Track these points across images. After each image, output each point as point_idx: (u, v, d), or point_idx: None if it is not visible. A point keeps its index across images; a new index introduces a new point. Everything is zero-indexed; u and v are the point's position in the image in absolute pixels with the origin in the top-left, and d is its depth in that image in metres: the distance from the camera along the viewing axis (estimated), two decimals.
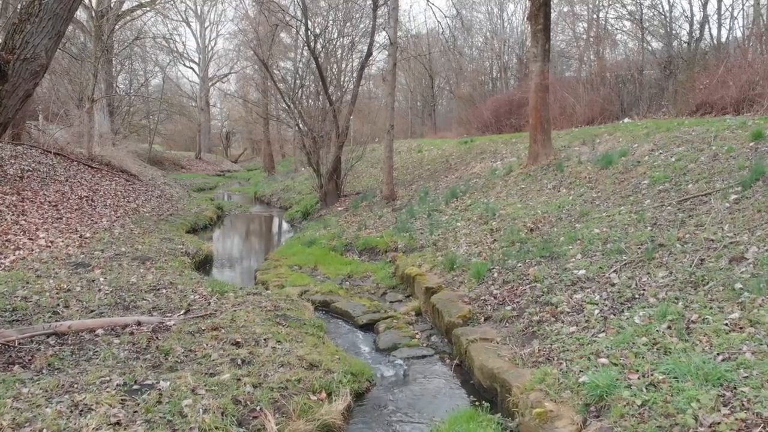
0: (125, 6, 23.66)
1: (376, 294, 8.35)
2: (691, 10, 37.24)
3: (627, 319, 4.67)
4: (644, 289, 5.12)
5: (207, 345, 4.99)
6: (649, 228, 6.47)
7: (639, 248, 6.00)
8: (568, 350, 4.49)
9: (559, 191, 9.57)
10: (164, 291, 6.92)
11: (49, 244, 9.59)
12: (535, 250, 7.11)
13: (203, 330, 5.38)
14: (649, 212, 6.98)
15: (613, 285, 5.45)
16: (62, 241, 9.88)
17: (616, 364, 3.97)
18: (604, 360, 4.05)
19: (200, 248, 10.90)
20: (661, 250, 5.72)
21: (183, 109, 41.74)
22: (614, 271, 5.72)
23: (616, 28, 26.49)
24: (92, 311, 6.09)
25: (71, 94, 21.86)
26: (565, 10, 28.93)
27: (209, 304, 6.39)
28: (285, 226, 17.71)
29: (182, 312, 5.99)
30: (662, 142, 9.73)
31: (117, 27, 23.59)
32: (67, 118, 20.12)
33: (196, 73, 45.10)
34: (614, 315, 4.84)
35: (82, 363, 4.68)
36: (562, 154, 11.64)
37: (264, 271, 9.73)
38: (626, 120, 17.56)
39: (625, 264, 5.77)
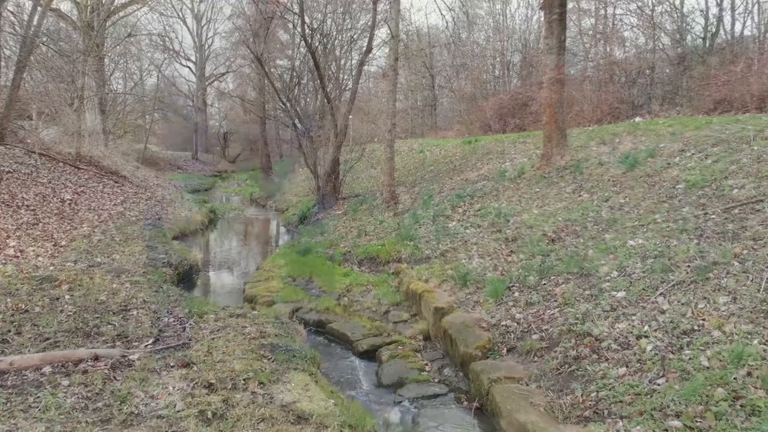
0: (117, 1, 22.72)
1: (378, 312, 7.43)
2: (706, 4, 36.32)
3: (690, 359, 3.77)
4: (704, 319, 4.23)
5: (173, 388, 4.09)
6: (695, 241, 5.57)
7: (688, 266, 5.10)
8: (621, 402, 3.59)
9: (580, 196, 8.67)
10: (135, 312, 6.01)
11: (18, 254, 8.69)
12: (561, 265, 6.21)
13: (171, 366, 4.48)
14: (691, 222, 6.08)
15: (662, 312, 4.55)
16: (33, 251, 9.00)
17: (692, 428, 3.07)
18: (675, 422, 3.15)
19: (185, 257, 9.98)
20: (717, 269, 4.82)
21: (179, 108, 40.84)
22: (661, 294, 4.82)
23: (626, 24, 25.59)
24: (47, 339, 5.19)
25: (61, 93, 20.95)
26: (570, 6, 28.02)
27: (184, 329, 5.48)
28: (280, 230, 16.80)
29: (150, 341, 5.09)
30: (692, 142, 8.83)
31: (109, 24, 22.68)
32: (58, 117, 19.22)
33: (192, 72, 44.15)
34: (672, 353, 3.94)
35: (17, 414, 3.78)
36: (579, 155, 10.73)
37: (254, 283, 8.82)
38: (638, 119, 16.64)
39: (674, 285, 4.87)
